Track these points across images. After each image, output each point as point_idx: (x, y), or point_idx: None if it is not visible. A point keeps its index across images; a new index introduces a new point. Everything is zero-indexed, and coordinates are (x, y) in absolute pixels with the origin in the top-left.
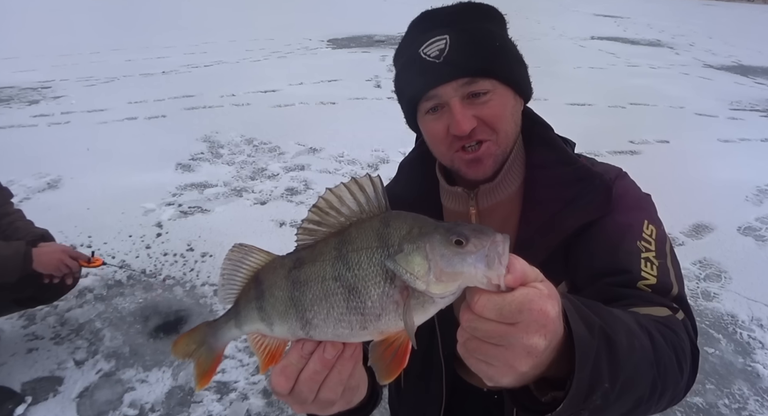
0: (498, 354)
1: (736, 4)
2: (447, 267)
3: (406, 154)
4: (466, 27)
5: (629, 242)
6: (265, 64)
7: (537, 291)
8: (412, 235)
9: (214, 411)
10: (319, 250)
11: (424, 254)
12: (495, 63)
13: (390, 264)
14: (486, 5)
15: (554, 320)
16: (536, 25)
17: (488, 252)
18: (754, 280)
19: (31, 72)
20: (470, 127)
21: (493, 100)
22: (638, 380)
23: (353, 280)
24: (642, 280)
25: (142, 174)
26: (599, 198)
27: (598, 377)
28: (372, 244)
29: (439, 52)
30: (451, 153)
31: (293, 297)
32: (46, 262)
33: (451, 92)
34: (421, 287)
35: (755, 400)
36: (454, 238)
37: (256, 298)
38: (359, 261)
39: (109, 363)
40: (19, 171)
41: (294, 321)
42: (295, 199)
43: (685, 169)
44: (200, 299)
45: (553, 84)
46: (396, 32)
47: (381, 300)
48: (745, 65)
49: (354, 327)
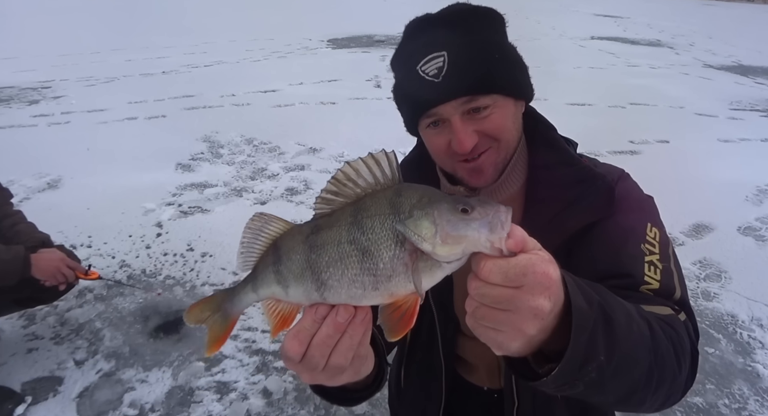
0: (506, 318)
1: (736, 4)
2: (452, 230)
3: (406, 153)
4: (463, 41)
5: (633, 245)
6: (265, 64)
7: (539, 256)
8: (421, 203)
9: (214, 411)
10: (335, 217)
11: (432, 219)
12: (495, 77)
13: (400, 228)
14: (483, 8)
15: (557, 282)
16: (536, 25)
17: (491, 219)
18: (754, 280)
19: (31, 72)
20: (472, 144)
21: (493, 113)
22: (634, 362)
23: (367, 243)
24: (645, 285)
25: (142, 174)
26: (601, 199)
27: (594, 348)
28: (385, 211)
29: (437, 71)
30: (453, 163)
31: (310, 260)
32: (44, 269)
33: (452, 110)
34: (428, 248)
35: (755, 400)
36: (460, 207)
37: (273, 263)
38: (372, 226)
39: (109, 363)
40: (19, 171)
41: (309, 283)
42: (295, 199)
43: (685, 169)
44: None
45: (553, 84)
46: (396, 32)
47: (392, 262)
48: (745, 65)
49: (366, 287)
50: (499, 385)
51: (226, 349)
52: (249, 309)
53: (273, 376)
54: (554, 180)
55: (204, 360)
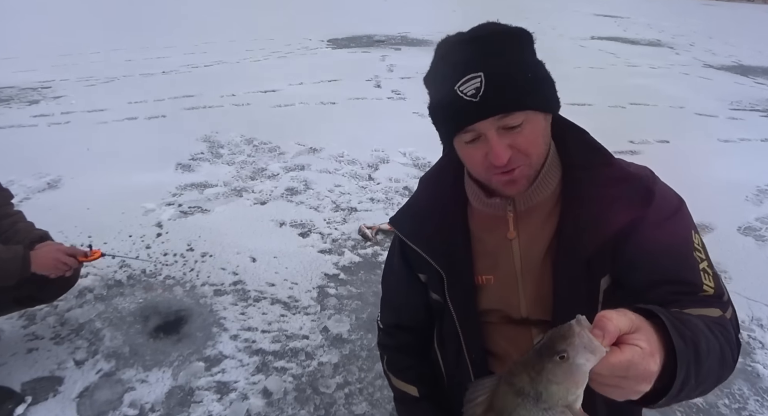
0: (617, 390)
1: (736, 4)
2: (573, 378)
3: (406, 153)
4: (499, 62)
5: (688, 254)
6: (265, 64)
7: (639, 352)
8: (534, 379)
9: (214, 411)
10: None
11: (555, 383)
12: (528, 96)
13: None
14: (514, 29)
15: (655, 372)
16: (536, 25)
17: (585, 346)
18: (754, 280)
19: (31, 72)
20: (507, 157)
21: (526, 128)
22: (712, 374)
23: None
24: (704, 292)
25: (142, 174)
26: (639, 197)
27: (689, 377)
28: (516, 401)
29: (475, 91)
30: (489, 175)
31: None
32: (43, 263)
33: (488, 126)
34: (573, 398)
35: (755, 400)
36: (557, 358)
37: None
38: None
39: (109, 363)
40: (19, 171)
41: None
42: (295, 199)
43: (685, 168)
44: (200, 299)
45: None
46: (396, 32)
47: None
48: (745, 65)
49: None
50: None
51: (226, 349)
52: (249, 309)
53: (273, 376)
54: (594, 178)
55: (204, 360)
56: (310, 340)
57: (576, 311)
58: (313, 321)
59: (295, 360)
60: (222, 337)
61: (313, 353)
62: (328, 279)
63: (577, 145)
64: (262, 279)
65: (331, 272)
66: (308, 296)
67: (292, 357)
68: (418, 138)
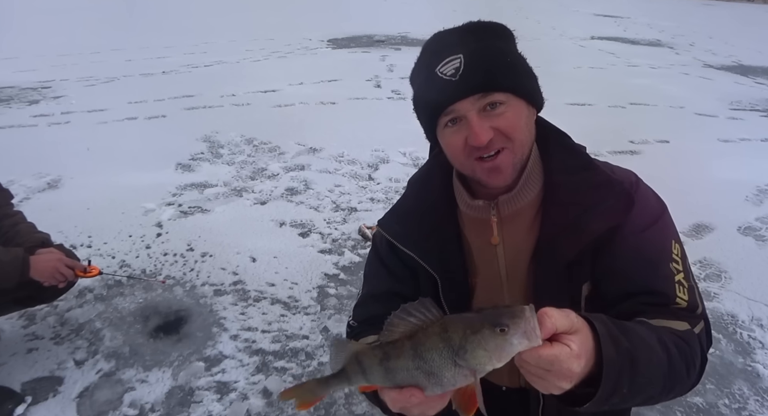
0: (540, 381)
1: (736, 4)
2: (501, 351)
3: (406, 153)
4: (478, 45)
5: (664, 265)
6: (265, 64)
7: (566, 352)
8: (467, 335)
9: (214, 411)
10: (398, 349)
11: (483, 348)
12: (507, 77)
13: (462, 363)
14: (495, 24)
15: (578, 374)
16: (536, 25)
17: (525, 329)
18: (754, 280)
19: (31, 72)
20: (487, 138)
21: (507, 111)
22: (651, 385)
23: (430, 368)
24: (676, 304)
25: (142, 174)
26: (619, 204)
27: (620, 386)
28: (438, 345)
29: (454, 71)
30: (471, 162)
31: (387, 377)
32: (42, 270)
33: (468, 106)
34: (489, 369)
35: (755, 400)
36: (498, 329)
37: (362, 372)
38: (432, 357)
39: (109, 363)
40: (19, 171)
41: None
42: (295, 199)
43: (685, 169)
44: (200, 299)
45: (553, 84)
46: (396, 32)
47: (454, 377)
48: (745, 65)
49: (435, 390)
50: (518, 384)
51: (226, 349)
52: (249, 309)
53: (273, 376)
54: (574, 183)
55: (204, 360)
56: (310, 340)
57: None
58: (313, 321)
59: (295, 360)
60: (222, 337)
61: (313, 353)
62: (328, 279)
63: (558, 149)
64: (262, 279)
65: (331, 272)
66: (308, 296)
67: (292, 357)
68: (418, 138)
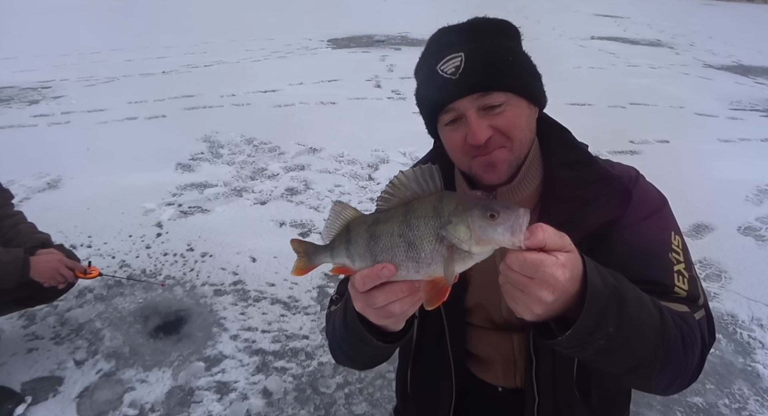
0: (520, 296)
1: (736, 4)
2: (483, 234)
3: (406, 153)
4: (480, 44)
5: (662, 254)
6: (265, 64)
7: (553, 259)
8: (458, 210)
9: (214, 411)
10: (390, 214)
11: (467, 224)
12: (508, 77)
13: (443, 233)
14: (500, 20)
15: (562, 283)
16: (536, 25)
17: (512, 224)
18: (754, 280)
19: (31, 72)
20: (485, 137)
21: (507, 110)
22: (641, 338)
23: (412, 238)
24: (674, 294)
25: (142, 174)
26: (617, 199)
27: (604, 318)
28: (428, 214)
29: (455, 69)
30: (469, 159)
31: (369, 245)
32: (42, 271)
33: (468, 105)
34: (465, 248)
35: (755, 400)
36: (488, 213)
37: (346, 242)
38: (418, 225)
39: (109, 363)
40: (19, 171)
41: (369, 262)
42: (295, 199)
43: (685, 169)
44: (200, 299)
45: (553, 84)
46: (396, 32)
47: (432, 253)
48: (745, 65)
49: (410, 270)
50: (514, 384)
51: (226, 349)
52: (249, 309)
53: (273, 376)
54: (573, 178)
55: (204, 360)
56: (310, 340)
57: None
58: (313, 321)
59: (295, 360)
60: (222, 337)
61: (313, 353)
62: (328, 279)
63: (559, 143)
64: (262, 279)
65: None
66: (308, 296)
67: (292, 357)
68: (418, 138)
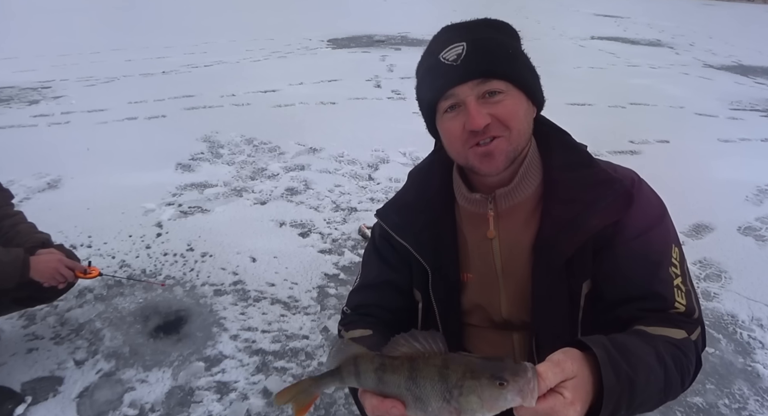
0: None
1: (736, 4)
2: (494, 403)
3: (406, 153)
4: (482, 37)
5: (664, 270)
6: (265, 64)
7: (561, 401)
8: (466, 378)
9: (214, 411)
10: (396, 366)
11: (477, 395)
12: (507, 66)
13: (453, 402)
14: (501, 21)
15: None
16: (536, 25)
17: (522, 388)
18: (754, 280)
19: (31, 72)
20: (484, 123)
21: (506, 99)
22: (648, 402)
23: (420, 394)
24: (674, 309)
25: (142, 174)
26: (619, 201)
27: (618, 410)
28: (435, 377)
29: (456, 57)
30: (466, 149)
31: (378, 386)
32: (42, 271)
33: (467, 91)
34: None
35: (755, 400)
36: (497, 382)
37: (355, 374)
38: (425, 385)
39: (109, 363)
40: (19, 171)
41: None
42: (295, 199)
43: (685, 168)
44: (200, 299)
45: (553, 84)
46: (396, 32)
47: (440, 409)
48: (745, 65)
49: (417, 413)
50: None
51: (226, 349)
52: (249, 309)
53: (273, 376)
54: (575, 180)
55: (204, 360)
56: (310, 340)
57: (556, 314)
58: (313, 321)
59: (295, 360)
60: (222, 337)
61: (313, 353)
62: (328, 279)
63: (559, 146)
64: (262, 279)
65: (331, 272)
66: (308, 296)
67: (292, 357)
68: (418, 138)
